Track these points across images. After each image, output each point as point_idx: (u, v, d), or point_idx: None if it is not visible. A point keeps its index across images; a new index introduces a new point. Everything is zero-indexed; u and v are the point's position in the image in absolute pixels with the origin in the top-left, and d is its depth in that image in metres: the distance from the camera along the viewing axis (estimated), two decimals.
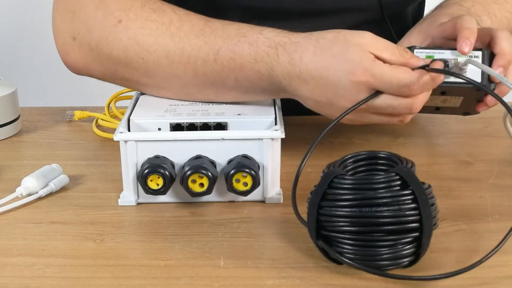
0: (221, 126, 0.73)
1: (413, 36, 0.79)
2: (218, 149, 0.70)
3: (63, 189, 0.75)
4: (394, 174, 0.57)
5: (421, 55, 0.73)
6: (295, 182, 0.64)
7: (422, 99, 0.70)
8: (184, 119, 0.72)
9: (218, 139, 0.70)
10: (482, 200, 0.71)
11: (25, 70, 2.06)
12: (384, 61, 0.69)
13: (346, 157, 0.63)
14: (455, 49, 0.73)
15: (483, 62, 0.74)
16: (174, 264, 0.60)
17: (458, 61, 0.72)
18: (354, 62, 0.68)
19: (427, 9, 1.09)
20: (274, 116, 0.74)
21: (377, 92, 0.69)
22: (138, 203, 0.71)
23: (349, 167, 0.63)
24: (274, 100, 0.80)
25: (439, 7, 0.89)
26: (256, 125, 0.73)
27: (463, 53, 0.72)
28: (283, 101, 0.79)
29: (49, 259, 0.61)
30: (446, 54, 0.73)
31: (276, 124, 0.73)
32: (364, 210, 0.56)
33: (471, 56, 0.73)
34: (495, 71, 0.70)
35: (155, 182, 0.68)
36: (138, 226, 0.68)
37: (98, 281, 0.58)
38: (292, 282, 0.57)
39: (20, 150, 0.88)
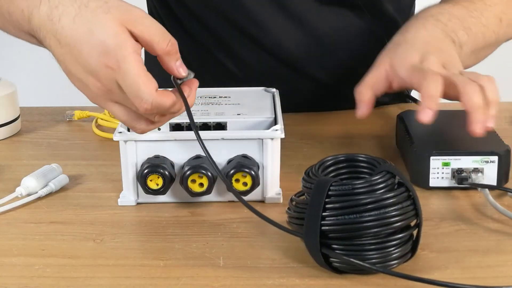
0: (220, 126, 0.73)
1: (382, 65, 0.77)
2: (218, 149, 0.69)
3: (62, 189, 0.75)
4: (386, 172, 0.57)
5: (437, 162, 0.72)
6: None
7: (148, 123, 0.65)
8: (184, 119, 0.72)
9: (218, 139, 0.69)
10: (482, 200, 0.71)
11: (25, 70, 2.06)
12: (148, 45, 0.63)
13: (325, 160, 0.62)
14: (470, 153, 0.72)
15: (499, 166, 0.72)
16: (173, 264, 0.60)
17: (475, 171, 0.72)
18: (110, 47, 0.62)
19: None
20: (274, 116, 0.74)
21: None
22: (138, 203, 0.71)
23: (328, 170, 0.62)
24: (274, 100, 0.79)
25: (415, 18, 0.86)
26: (255, 125, 0.73)
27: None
28: (283, 100, 0.79)
29: (48, 259, 0.61)
30: (463, 161, 0.72)
31: (276, 124, 0.73)
32: (359, 214, 0.56)
33: (487, 161, 0.72)
34: None
35: (154, 182, 0.68)
36: (138, 226, 0.68)
37: (98, 281, 0.58)
38: (292, 282, 0.57)
39: (20, 150, 0.88)
